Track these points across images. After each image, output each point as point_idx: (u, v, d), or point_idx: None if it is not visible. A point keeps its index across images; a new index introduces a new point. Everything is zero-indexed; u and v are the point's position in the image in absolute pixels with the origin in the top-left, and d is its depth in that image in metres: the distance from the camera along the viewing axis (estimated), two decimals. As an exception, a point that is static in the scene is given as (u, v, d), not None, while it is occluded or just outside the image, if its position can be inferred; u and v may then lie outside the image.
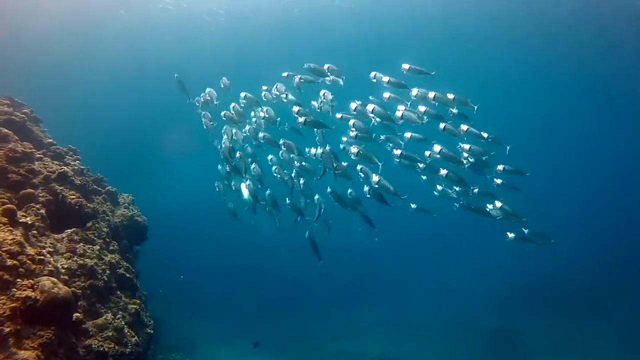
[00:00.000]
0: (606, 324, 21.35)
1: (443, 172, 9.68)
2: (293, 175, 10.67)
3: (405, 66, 9.65)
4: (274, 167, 10.85)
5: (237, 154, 10.81)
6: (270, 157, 10.95)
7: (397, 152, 9.68)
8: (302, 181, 10.74)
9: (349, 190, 10.46)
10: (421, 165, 9.86)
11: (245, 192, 11.03)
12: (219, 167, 12.30)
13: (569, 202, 38.53)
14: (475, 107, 9.60)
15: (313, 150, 10.10)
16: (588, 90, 30.90)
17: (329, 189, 10.54)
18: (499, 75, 30.59)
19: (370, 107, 9.60)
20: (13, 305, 5.78)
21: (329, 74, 10.10)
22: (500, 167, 9.87)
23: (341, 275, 27.96)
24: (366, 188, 9.85)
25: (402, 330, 21.86)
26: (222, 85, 11.08)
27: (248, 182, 11.05)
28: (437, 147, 9.53)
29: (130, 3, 25.54)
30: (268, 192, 11.27)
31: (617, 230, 35.23)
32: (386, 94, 9.86)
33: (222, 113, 10.96)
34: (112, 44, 29.61)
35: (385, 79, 9.70)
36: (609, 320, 21.72)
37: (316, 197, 10.82)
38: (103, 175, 11.19)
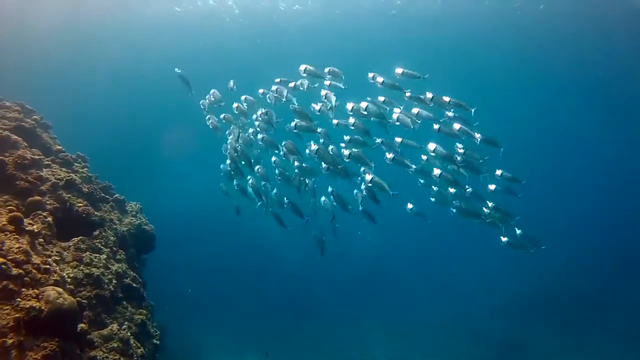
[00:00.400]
0: (609, 325, 21.30)
1: (436, 172, 9.64)
2: (296, 175, 10.71)
3: (399, 70, 9.61)
4: (277, 170, 10.85)
5: (238, 148, 10.82)
6: (273, 159, 10.93)
7: (390, 155, 9.73)
8: (308, 182, 10.79)
9: (355, 191, 10.52)
10: (413, 167, 9.88)
11: (253, 192, 11.09)
12: (221, 166, 12.24)
13: (571, 205, 38.31)
14: (473, 110, 9.52)
15: (314, 146, 10.03)
16: (586, 93, 30.65)
17: (330, 189, 10.62)
18: (498, 78, 30.42)
19: (363, 104, 9.61)
20: (17, 315, 5.69)
21: (329, 76, 10.05)
22: (498, 172, 9.81)
23: (346, 279, 28.00)
24: (363, 186, 10.01)
25: (406, 333, 21.89)
26: (230, 88, 11.08)
27: (251, 180, 11.10)
28: (431, 146, 9.50)
29: (130, 3, 25.46)
30: (275, 191, 11.31)
31: (619, 231, 34.94)
32: (381, 98, 9.83)
33: (222, 116, 11.02)
34: (112, 44, 29.57)
35: (380, 79, 9.67)
36: (612, 321, 21.67)
37: (323, 199, 10.89)
38: (101, 174, 11.15)
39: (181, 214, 31.86)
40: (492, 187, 9.87)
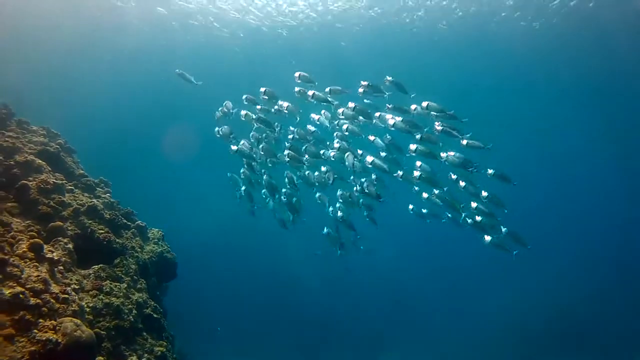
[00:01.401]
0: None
1: (416, 173, 9.76)
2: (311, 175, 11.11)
3: (388, 78, 9.89)
4: (286, 180, 11.06)
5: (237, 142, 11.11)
6: (287, 173, 11.13)
7: (370, 159, 9.98)
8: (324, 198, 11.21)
9: (360, 200, 10.90)
10: (399, 173, 10.07)
11: (267, 190, 11.57)
12: (228, 174, 12.55)
13: (574, 212, 37.24)
14: (464, 120, 9.74)
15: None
16: (585, 98, 29.65)
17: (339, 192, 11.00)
18: (497, 84, 29.63)
19: (351, 104, 9.97)
20: (32, 348, 5.41)
21: (330, 96, 10.26)
22: (490, 170, 9.77)
23: (369, 309, 27.51)
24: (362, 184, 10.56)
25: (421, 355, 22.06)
26: (245, 102, 11.19)
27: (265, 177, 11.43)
28: (412, 146, 9.64)
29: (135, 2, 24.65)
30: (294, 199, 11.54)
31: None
32: (377, 113, 10.02)
33: (217, 129, 11.22)
34: (113, 45, 29.41)
35: (364, 83, 9.92)
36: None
37: (338, 204, 11.17)
38: (102, 174, 11.07)
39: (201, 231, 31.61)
40: (484, 193, 9.87)
